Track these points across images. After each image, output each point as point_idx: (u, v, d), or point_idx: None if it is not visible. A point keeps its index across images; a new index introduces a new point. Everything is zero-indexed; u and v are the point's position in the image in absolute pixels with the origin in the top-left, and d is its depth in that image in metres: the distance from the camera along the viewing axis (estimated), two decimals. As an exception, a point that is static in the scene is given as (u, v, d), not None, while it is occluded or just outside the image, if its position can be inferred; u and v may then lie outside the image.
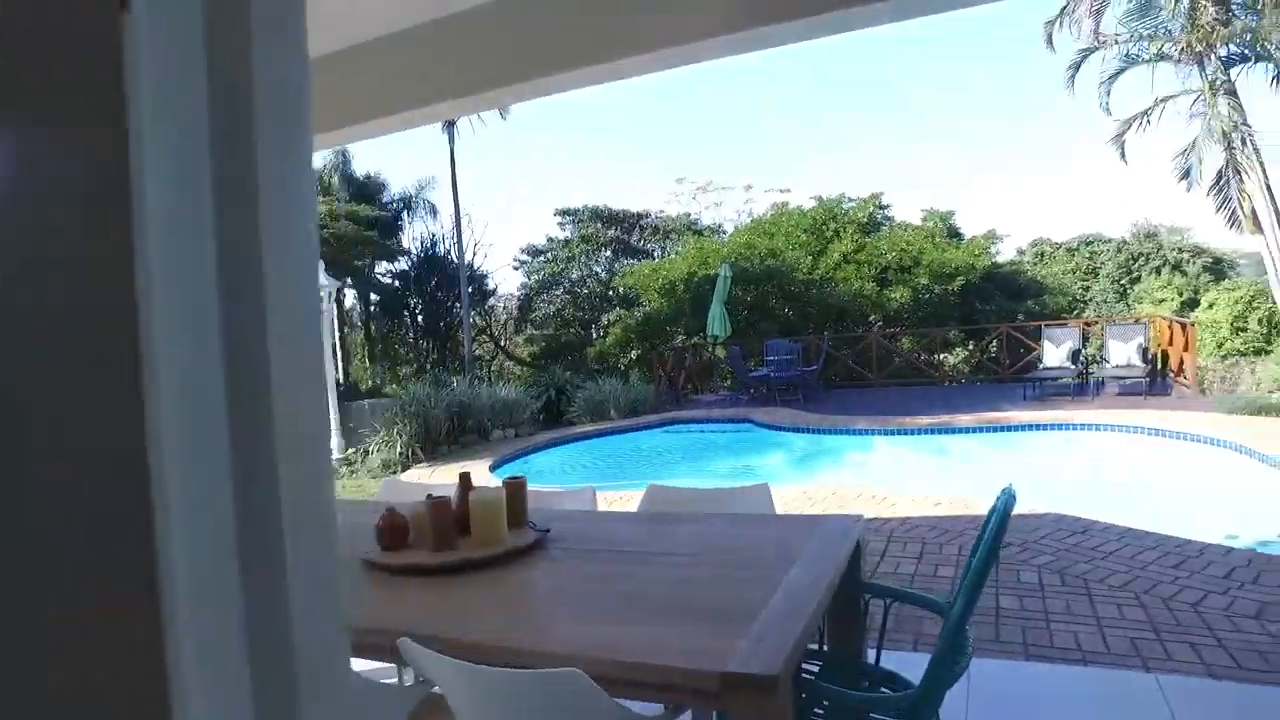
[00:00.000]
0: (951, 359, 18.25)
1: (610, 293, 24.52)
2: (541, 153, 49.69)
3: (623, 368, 20.07)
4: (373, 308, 26.39)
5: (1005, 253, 26.51)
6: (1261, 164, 11.56)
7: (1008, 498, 2.06)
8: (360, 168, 24.34)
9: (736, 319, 16.65)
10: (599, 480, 9.19)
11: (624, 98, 52.85)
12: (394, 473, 9.65)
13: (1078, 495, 7.61)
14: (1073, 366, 12.11)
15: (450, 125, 21.23)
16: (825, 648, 2.20)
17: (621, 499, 7.53)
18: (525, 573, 2.16)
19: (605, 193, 55.65)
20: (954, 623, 1.72)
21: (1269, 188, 11.51)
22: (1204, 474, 7.99)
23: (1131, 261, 27.89)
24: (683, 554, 2.20)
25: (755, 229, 20.41)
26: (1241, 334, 18.85)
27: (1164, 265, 26.61)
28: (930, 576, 4.92)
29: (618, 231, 27.47)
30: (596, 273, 25.74)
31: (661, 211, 28.71)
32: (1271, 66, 11.66)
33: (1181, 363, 12.37)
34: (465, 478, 2.41)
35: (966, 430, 10.16)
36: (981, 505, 6.41)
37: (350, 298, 26.04)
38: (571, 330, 25.49)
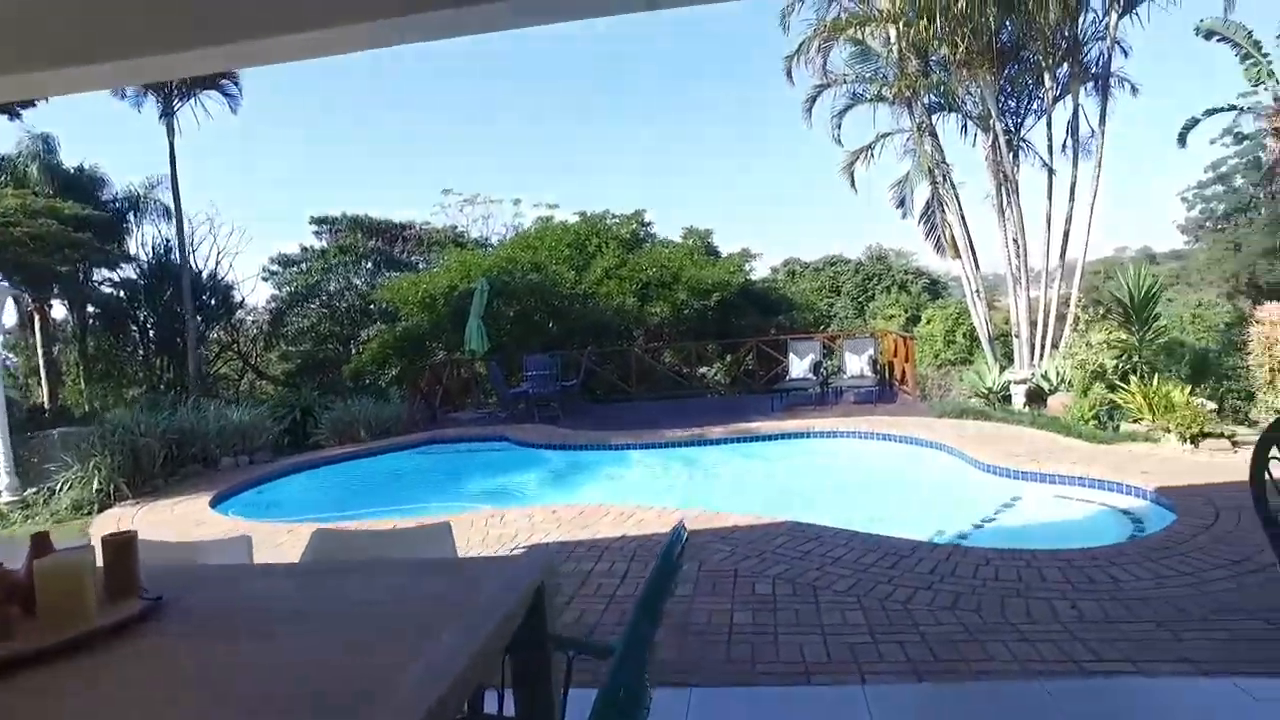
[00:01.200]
0: (710, 372, 19.19)
1: (371, 306, 23.25)
2: (292, 155, 46.48)
3: (383, 385, 19.08)
4: (91, 321, 23.04)
5: (760, 271, 28.50)
6: (958, 197, 13.24)
7: (674, 540, 1.92)
8: (71, 158, 21.17)
9: (501, 333, 16.34)
10: (344, 509, 8.51)
11: (383, 100, 50.89)
12: (88, 514, 8.32)
13: (815, 501, 8.13)
14: (814, 377, 13.06)
15: (168, 114, 19.08)
16: (513, 711, 2.00)
17: (356, 529, 6.98)
18: (119, 665, 1.65)
19: (367, 201, 53.19)
20: (607, 692, 1.55)
21: (964, 219, 13.18)
22: (920, 474, 8.85)
23: (867, 281, 31.02)
24: (331, 617, 1.86)
25: (519, 243, 20.26)
26: (952, 346, 21.50)
27: (893, 285, 29.84)
28: (670, 596, 4.92)
29: (379, 242, 26.20)
30: (356, 285, 24.31)
31: (427, 223, 27.81)
32: (959, 116, 13.43)
33: (904, 372, 13.77)
34: (40, 538, 1.89)
35: (719, 441, 10.58)
36: (729, 518, 6.64)
37: (60, 309, 22.58)
38: (329, 346, 23.88)
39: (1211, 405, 9.08)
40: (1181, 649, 3.82)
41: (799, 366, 13.35)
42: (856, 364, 13.25)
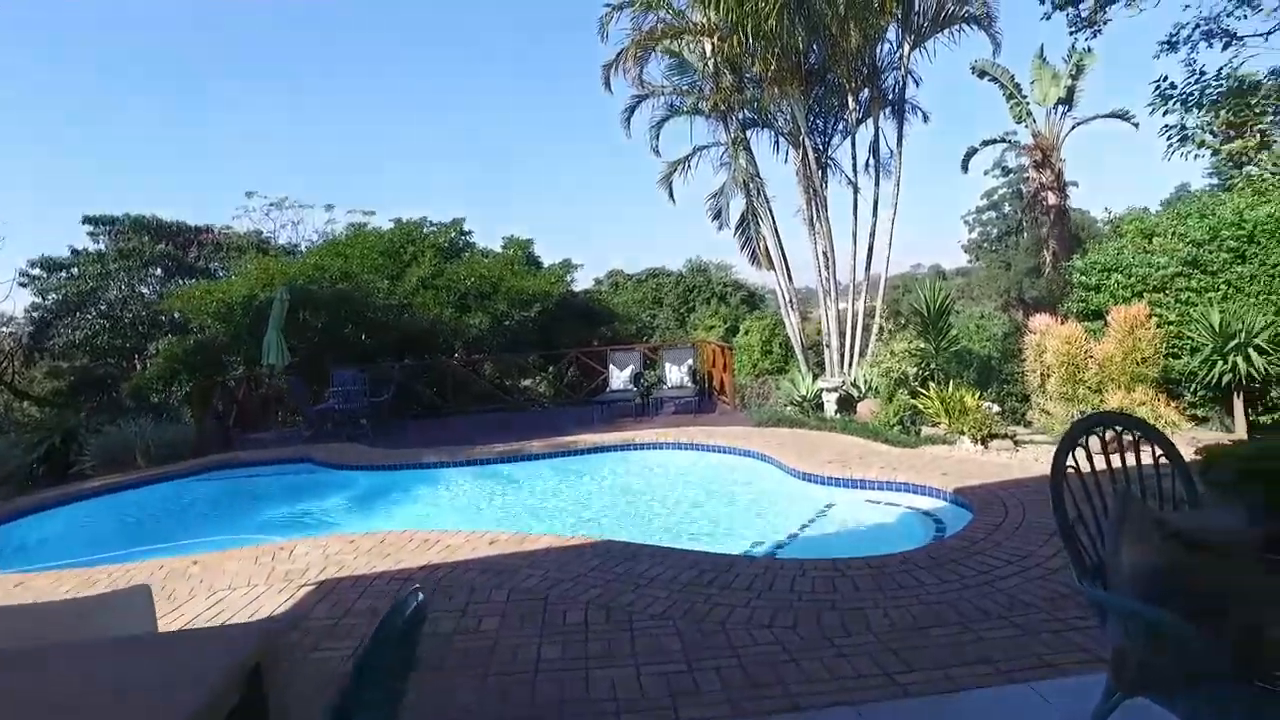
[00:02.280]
0: (533, 384, 18.74)
1: (161, 318, 20.87)
2: (57, 150, 41.49)
3: (174, 404, 17.10)
4: None
5: (583, 282, 28.41)
6: (771, 211, 13.65)
7: (397, 610, 1.47)
8: None
9: (307, 346, 15.11)
10: (105, 549, 7.33)
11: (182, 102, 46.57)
12: None
13: (635, 516, 7.91)
14: (635, 388, 12.96)
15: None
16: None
17: (110, 576, 5.98)
18: None
19: (155, 202, 48.39)
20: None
21: (777, 232, 13.59)
22: (739, 484, 8.86)
23: (688, 293, 31.72)
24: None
25: (328, 250, 18.92)
26: (769, 355, 22.27)
27: (713, 297, 30.66)
28: (473, 632, 4.47)
29: (170, 246, 23.63)
30: (142, 294, 21.76)
31: (228, 228, 25.45)
32: (772, 132, 13.92)
33: (723, 382, 13.99)
34: None
35: (537, 457, 10.17)
36: (541, 540, 6.26)
37: None
38: (110, 361, 21.19)
39: (996, 408, 9.76)
40: (984, 649, 3.87)
41: (619, 378, 13.22)
42: (677, 374, 13.30)
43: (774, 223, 13.64)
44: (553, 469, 9.91)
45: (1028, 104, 18.89)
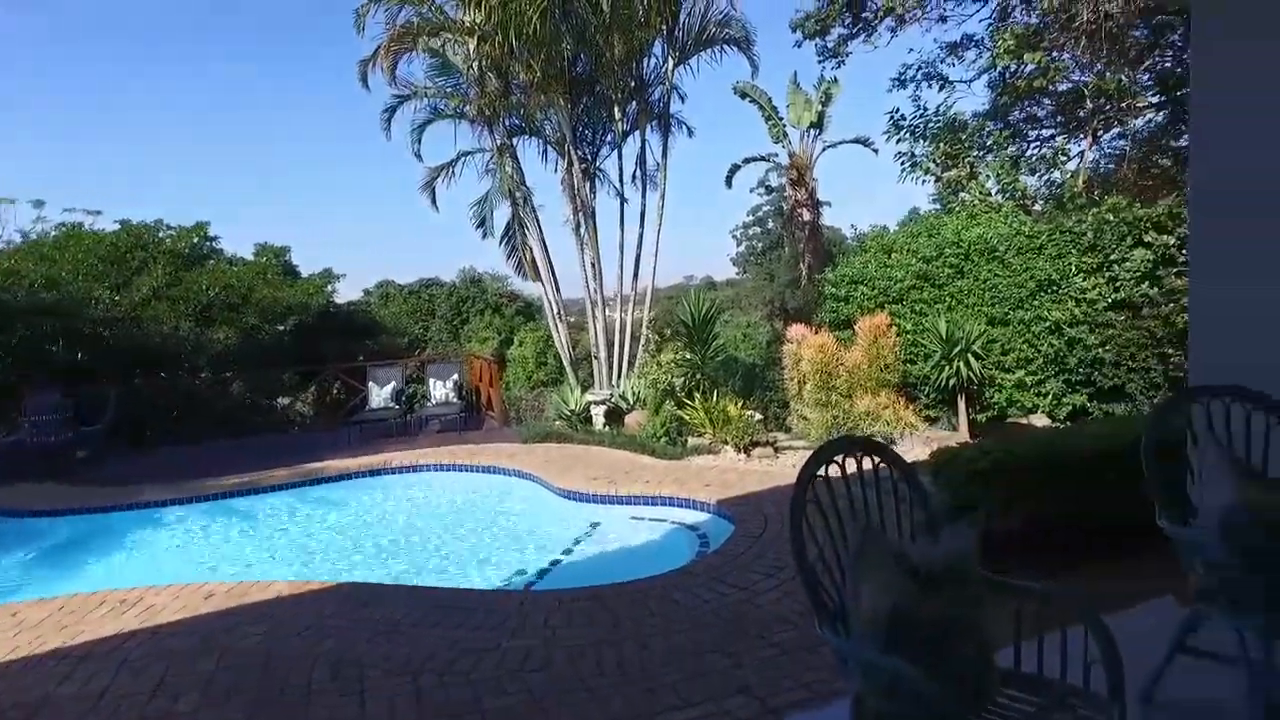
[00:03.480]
0: (292, 404, 17.07)
1: None
2: None
3: None
4: None
5: (349, 293, 26.58)
6: (538, 221, 13.36)
7: None
8: None
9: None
10: None
11: None
12: None
13: (385, 551, 7.19)
14: (397, 406, 12.10)
15: None
16: None
17: None
18: None
19: None
20: None
21: (545, 242, 13.31)
22: (501, 507, 8.38)
23: (462, 304, 30.70)
24: None
25: (30, 253, 16.15)
26: (544, 367, 21.97)
27: (486, 308, 29.88)
28: (164, 717, 3.67)
29: None
30: None
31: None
32: (540, 141, 13.65)
33: (489, 397, 13.44)
34: None
35: (280, 488, 9.05)
36: (272, 587, 5.42)
37: None
38: None
39: (759, 416, 10.06)
40: (744, 676, 3.71)
41: (380, 395, 12.28)
42: (442, 390, 12.59)
43: (541, 233, 13.35)
44: (297, 501, 8.85)
45: (784, 126, 20.09)
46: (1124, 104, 13.49)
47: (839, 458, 2.12)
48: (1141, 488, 2.71)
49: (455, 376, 12.78)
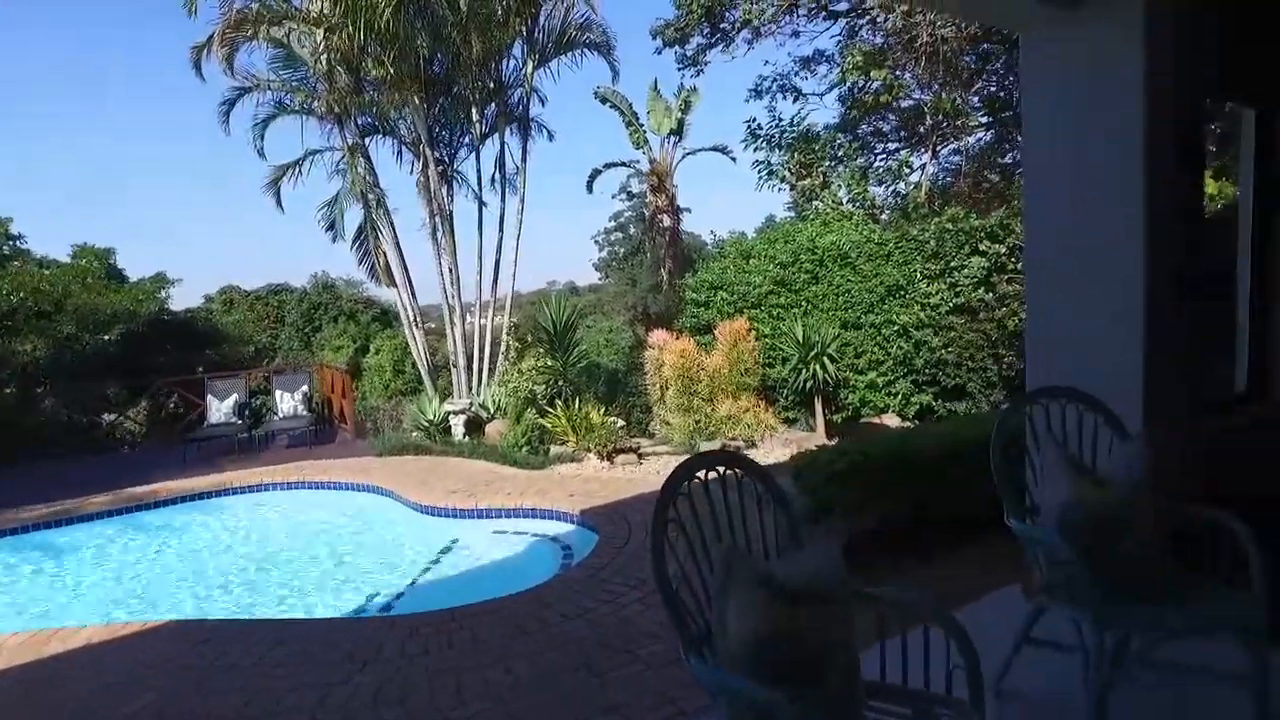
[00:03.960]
0: (119, 420, 15.54)
1: None
2: None
3: None
4: None
5: (188, 299, 24.65)
6: (392, 224, 12.81)
7: None
8: None
9: None
10: None
11: None
12: None
13: (220, 582, 6.58)
14: (240, 420, 11.24)
15: None
16: None
17: None
18: None
19: None
20: None
21: (399, 246, 12.78)
22: (354, 526, 7.89)
23: (313, 311, 29.14)
24: None
25: None
26: (401, 376, 21.17)
27: (341, 315, 28.51)
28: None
29: None
30: None
31: None
32: (395, 141, 13.10)
33: (342, 409, 12.76)
34: None
35: (100, 516, 8.15)
36: (81, 634, 4.82)
37: None
38: None
39: (621, 422, 10.02)
40: (608, 696, 3.59)
41: (220, 409, 11.38)
42: (290, 403, 11.83)
43: (396, 236, 12.81)
44: (119, 530, 7.97)
45: (645, 132, 20.25)
46: (958, 122, 14.42)
47: (700, 473, 2.03)
48: (992, 486, 2.79)
49: (305, 388, 12.03)
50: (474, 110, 12.76)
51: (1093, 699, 2.39)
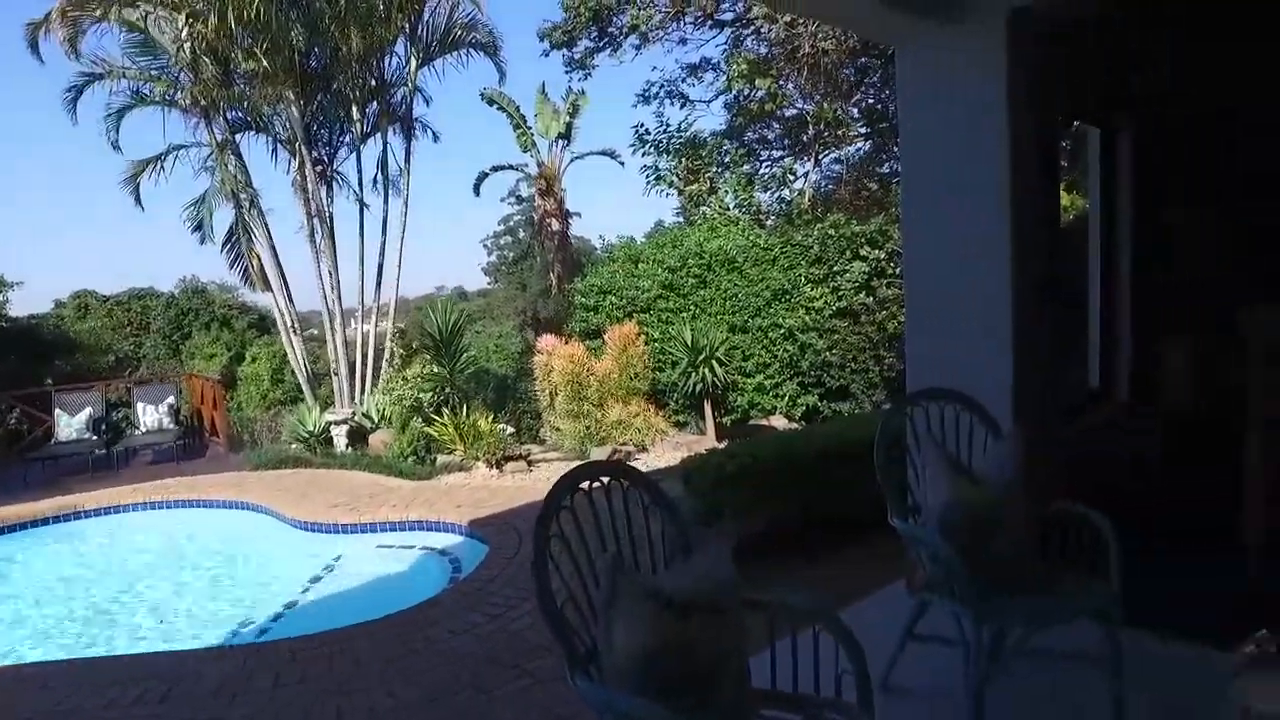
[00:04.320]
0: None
1: None
2: None
3: None
4: None
5: (34, 304, 22.63)
6: (266, 225, 12.13)
7: None
8: None
9: None
10: None
11: None
12: None
13: (65, 619, 6.01)
14: (95, 436, 10.39)
15: None
16: None
17: None
18: None
19: None
20: None
21: (275, 249, 12.14)
22: (225, 547, 7.38)
23: (182, 317, 27.35)
24: None
25: None
26: (281, 385, 20.14)
27: (213, 321, 26.88)
28: None
29: None
30: None
31: None
32: (269, 138, 12.40)
33: (214, 421, 12.00)
34: None
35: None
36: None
37: None
38: None
39: (511, 429, 9.84)
40: (496, 714, 3.48)
41: (72, 425, 10.48)
42: (154, 416, 11.04)
43: (271, 238, 12.16)
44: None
45: (533, 135, 20.05)
46: (839, 132, 14.93)
47: (585, 484, 1.96)
48: (875, 486, 2.85)
49: (171, 399, 11.26)
50: (355, 108, 12.28)
51: (972, 690, 2.46)
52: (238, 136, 12.36)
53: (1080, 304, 5.04)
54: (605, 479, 2.03)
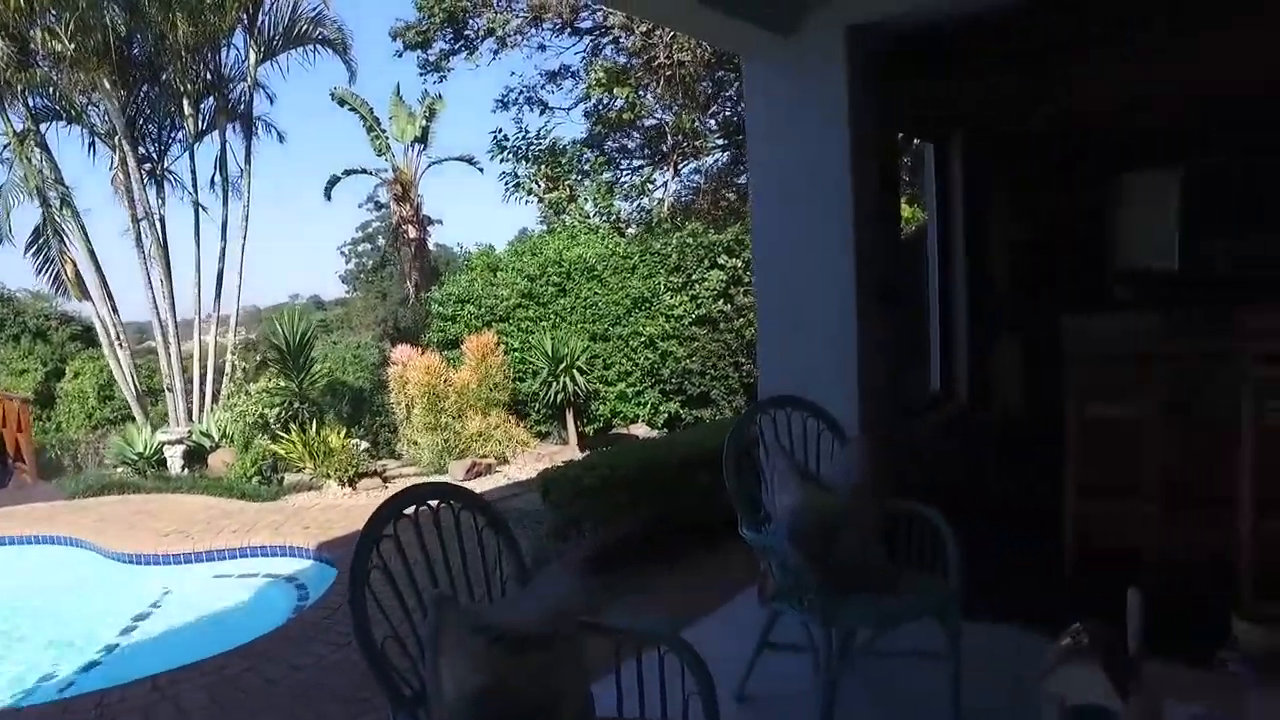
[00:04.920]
0: None
1: None
2: None
3: None
4: None
5: None
6: (83, 227, 11.02)
7: None
8: None
9: None
10: None
11: None
12: None
13: None
14: None
15: None
16: None
17: None
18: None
19: None
20: None
21: (93, 253, 11.05)
22: (32, 589, 6.58)
23: (-14, 328, 24.61)
24: None
25: None
26: (109, 403, 18.44)
27: (24, 333, 24.34)
28: None
29: None
30: None
31: None
32: (85, 131, 11.29)
33: (19, 445, 10.77)
34: None
35: None
36: None
37: None
38: None
39: (365, 444, 9.39)
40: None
41: None
42: (-53, 442, 9.79)
43: (89, 242, 11.07)
44: None
45: (388, 139, 19.34)
46: (697, 143, 15.23)
47: (410, 510, 1.81)
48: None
49: (-36, 422, 10.03)
50: (187, 102, 11.40)
51: (823, 696, 2.47)
52: (43, 127, 11.19)
53: (923, 311, 5.29)
54: (434, 503, 1.88)
